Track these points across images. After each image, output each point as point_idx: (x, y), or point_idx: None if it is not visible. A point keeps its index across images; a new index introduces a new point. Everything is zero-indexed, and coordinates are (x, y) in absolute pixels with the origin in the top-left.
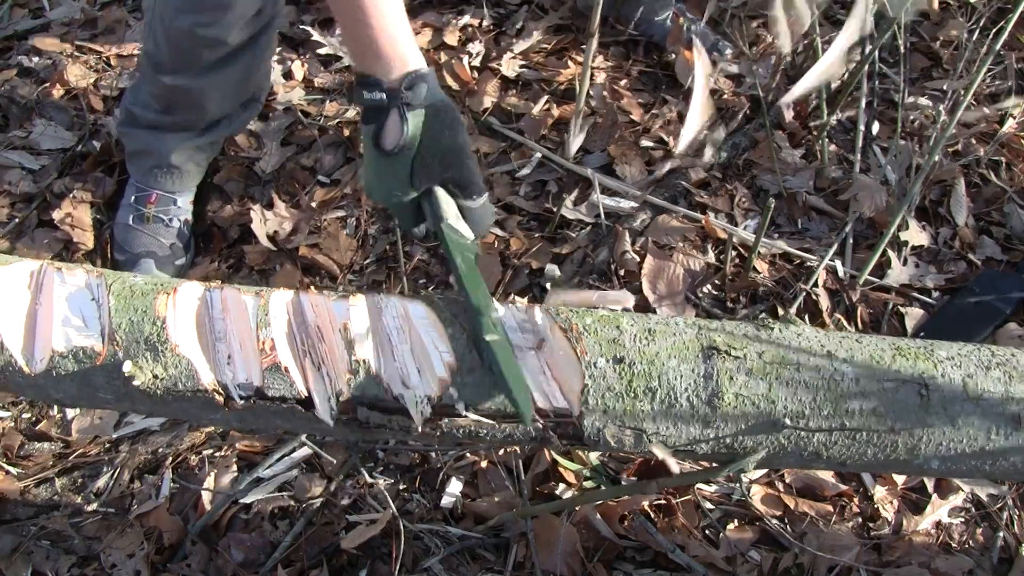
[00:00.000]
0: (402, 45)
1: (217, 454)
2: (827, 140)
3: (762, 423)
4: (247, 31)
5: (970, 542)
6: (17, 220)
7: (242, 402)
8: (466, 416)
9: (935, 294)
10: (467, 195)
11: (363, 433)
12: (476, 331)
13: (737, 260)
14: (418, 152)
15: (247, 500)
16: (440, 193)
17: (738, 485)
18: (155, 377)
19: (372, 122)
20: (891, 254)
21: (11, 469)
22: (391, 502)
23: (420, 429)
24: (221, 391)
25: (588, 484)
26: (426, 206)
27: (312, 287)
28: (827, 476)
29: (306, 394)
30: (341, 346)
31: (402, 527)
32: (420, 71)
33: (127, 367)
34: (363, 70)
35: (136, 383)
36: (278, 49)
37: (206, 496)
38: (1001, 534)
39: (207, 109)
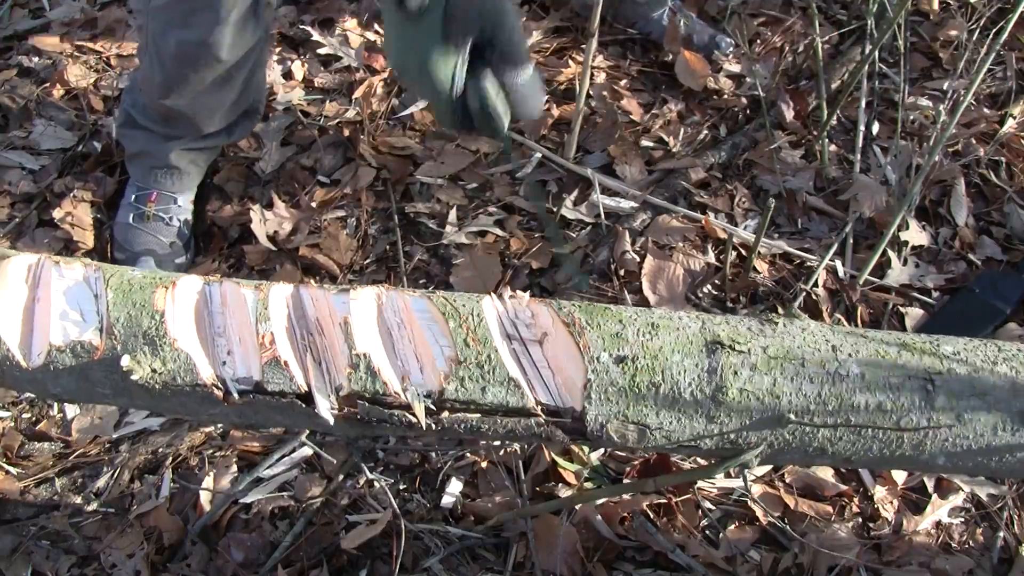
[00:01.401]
0: None
1: (217, 454)
2: (827, 140)
3: (767, 418)
4: (239, 47)
5: (970, 542)
6: (17, 220)
7: (241, 397)
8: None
9: (935, 294)
10: (511, 58)
11: (364, 429)
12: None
13: (737, 260)
14: (447, 7)
15: (247, 500)
16: (483, 71)
17: (741, 480)
18: (153, 371)
19: None
20: (891, 254)
21: (11, 469)
22: (392, 502)
23: (423, 424)
24: (220, 386)
25: (588, 484)
26: (471, 82)
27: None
28: (827, 476)
29: (306, 389)
30: (341, 340)
31: (403, 527)
32: None
33: (125, 361)
34: None
35: (134, 377)
36: (278, 49)
37: (206, 496)
38: (1001, 534)
39: (205, 125)
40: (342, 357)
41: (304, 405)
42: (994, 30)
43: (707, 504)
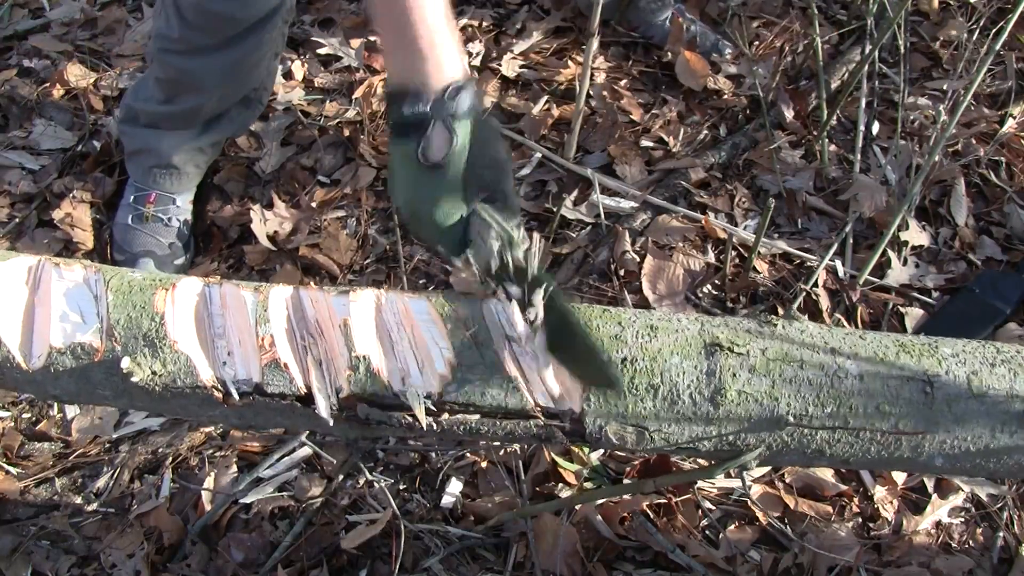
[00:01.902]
0: (447, 53)
1: (217, 454)
2: (827, 140)
3: (765, 420)
4: (252, 9)
5: (970, 542)
6: (17, 220)
7: (241, 399)
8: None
9: (935, 294)
10: (510, 214)
11: (363, 430)
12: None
13: (737, 260)
14: (468, 165)
15: (247, 500)
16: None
17: (740, 481)
18: (154, 373)
19: (409, 137)
20: (891, 254)
21: (11, 469)
22: (392, 502)
23: (423, 425)
24: (220, 387)
25: (588, 484)
26: (477, 224)
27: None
28: (827, 476)
29: (306, 390)
30: (341, 342)
31: (402, 527)
32: (464, 80)
33: (125, 363)
34: (403, 82)
35: (134, 379)
36: None
37: (206, 496)
38: (1001, 534)
39: (208, 97)
40: (342, 359)
41: (304, 407)
42: (994, 30)
43: (707, 504)
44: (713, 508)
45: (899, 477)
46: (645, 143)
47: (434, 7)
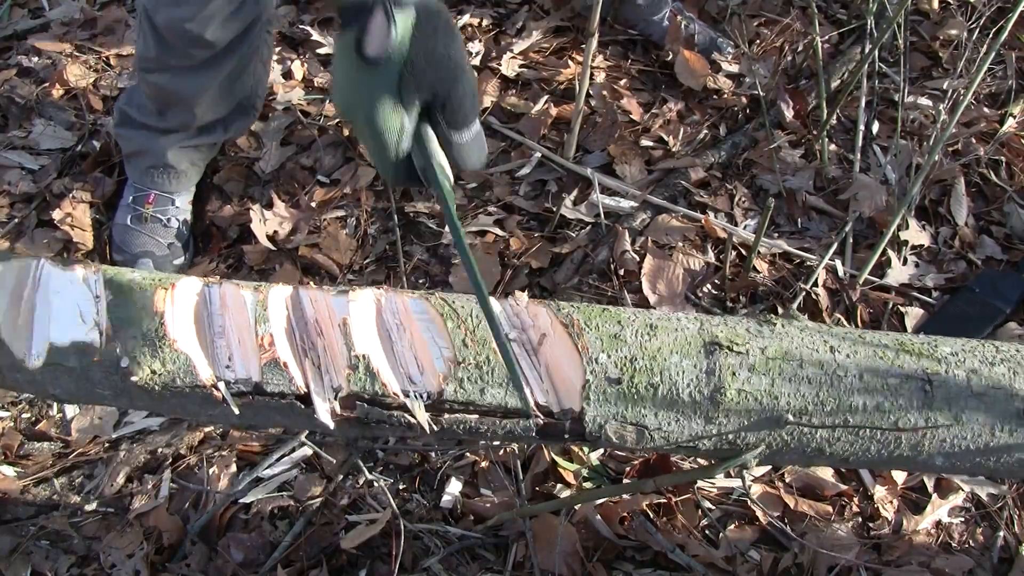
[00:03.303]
0: None
1: (217, 454)
2: (827, 139)
3: (765, 419)
4: (228, 29)
5: (970, 542)
6: (17, 220)
7: (240, 398)
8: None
9: (935, 294)
10: (459, 123)
11: (363, 430)
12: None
13: (737, 260)
14: (407, 61)
15: (247, 500)
16: (426, 127)
17: (740, 481)
18: (153, 373)
19: (351, 25)
20: (891, 254)
21: (11, 469)
22: (392, 502)
23: (423, 425)
24: (219, 387)
25: (588, 484)
26: (416, 138)
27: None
28: (827, 475)
29: (305, 390)
30: (340, 341)
31: (402, 527)
32: None
33: (125, 363)
34: None
35: (134, 379)
36: (277, 49)
37: (206, 496)
38: (1001, 534)
39: (198, 111)
40: (341, 358)
41: (303, 406)
42: (994, 30)
43: (707, 504)
44: (713, 508)
45: (899, 476)
46: (645, 142)
47: None
